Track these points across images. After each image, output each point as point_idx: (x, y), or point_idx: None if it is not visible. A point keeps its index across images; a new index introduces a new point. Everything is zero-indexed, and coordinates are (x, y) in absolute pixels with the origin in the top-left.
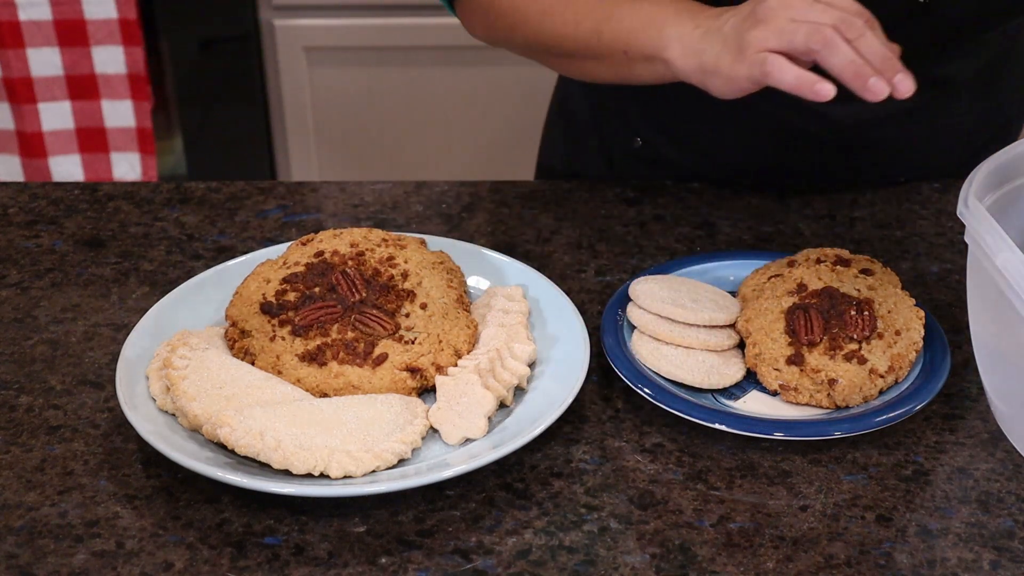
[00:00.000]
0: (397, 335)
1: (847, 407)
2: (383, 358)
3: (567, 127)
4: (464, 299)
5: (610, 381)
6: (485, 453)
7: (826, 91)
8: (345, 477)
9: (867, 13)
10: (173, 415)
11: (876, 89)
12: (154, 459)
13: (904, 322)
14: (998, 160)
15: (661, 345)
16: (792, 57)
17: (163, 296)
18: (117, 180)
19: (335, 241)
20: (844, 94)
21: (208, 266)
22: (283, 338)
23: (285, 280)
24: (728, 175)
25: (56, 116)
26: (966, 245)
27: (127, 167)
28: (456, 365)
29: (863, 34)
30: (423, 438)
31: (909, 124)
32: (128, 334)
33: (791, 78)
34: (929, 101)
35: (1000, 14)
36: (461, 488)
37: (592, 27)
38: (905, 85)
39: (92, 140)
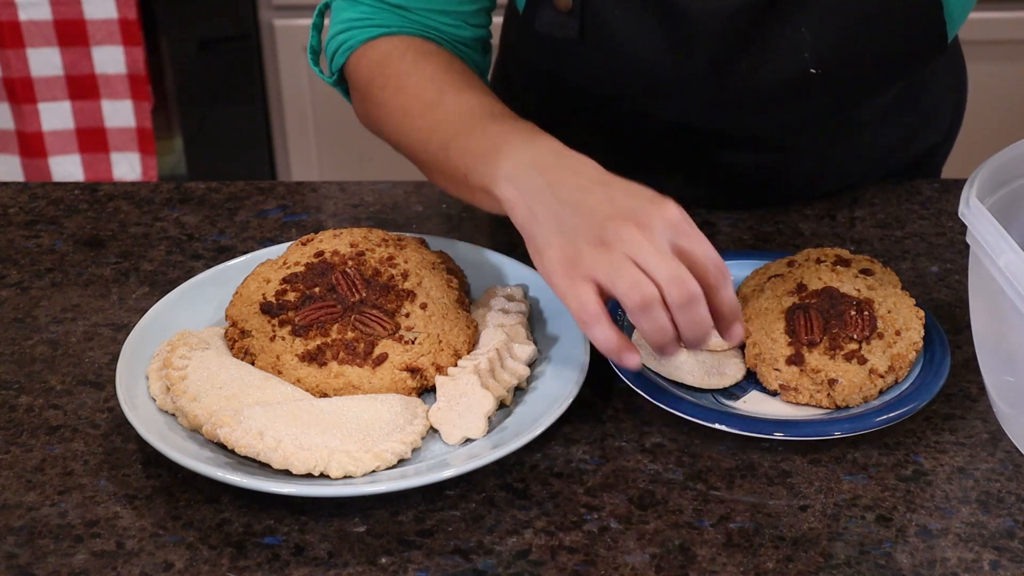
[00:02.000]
0: (397, 335)
1: (847, 407)
2: (383, 358)
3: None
4: (464, 299)
5: (610, 381)
6: (485, 453)
7: (632, 363)
8: (345, 477)
9: (720, 266)
10: (173, 415)
11: (669, 352)
12: (154, 459)
13: (904, 322)
14: (999, 160)
15: None
16: None
17: (163, 296)
18: (117, 180)
19: (335, 241)
20: (743, 139)
21: (208, 266)
22: (283, 338)
23: (285, 280)
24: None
25: (56, 116)
26: (966, 245)
27: (127, 167)
28: (456, 365)
29: (694, 302)
30: (423, 438)
31: (831, 145)
32: (128, 334)
33: (603, 341)
34: (842, 133)
35: (892, 75)
36: (461, 488)
37: (441, 142)
38: (737, 337)
39: (92, 140)
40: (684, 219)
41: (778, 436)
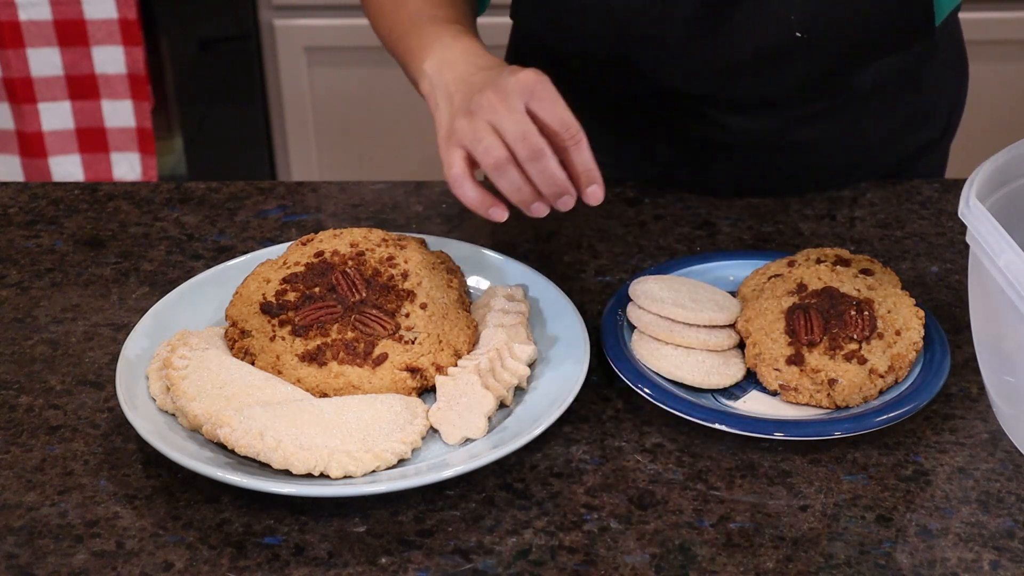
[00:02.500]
0: (397, 335)
1: (847, 407)
2: (383, 358)
3: None
4: (464, 299)
5: (610, 381)
6: (485, 453)
7: (498, 215)
8: (345, 477)
9: (570, 127)
10: (173, 415)
11: (535, 212)
12: (154, 459)
13: (904, 322)
14: (999, 160)
15: (661, 345)
16: None
17: (163, 296)
18: (117, 180)
19: (335, 241)
20: (735, 105)
21: (208, 266)
22: (283, 338)
23: (285, 280)
24: (652, 177)
25: (56, 116)
26: (966, 245)
27: (127, 167)
28: (456, 365)
29: (539, 157)
30: (423, 438)
31: (826, 126)
32: (128, 334)
33: (468, 200)
34: (842, 104)
35: (877, 48)
36: (461, 488)
37: (395, 39)
38: (596, 198)
39: (92, 140)
40: (539, 82)
41: (778, 436)
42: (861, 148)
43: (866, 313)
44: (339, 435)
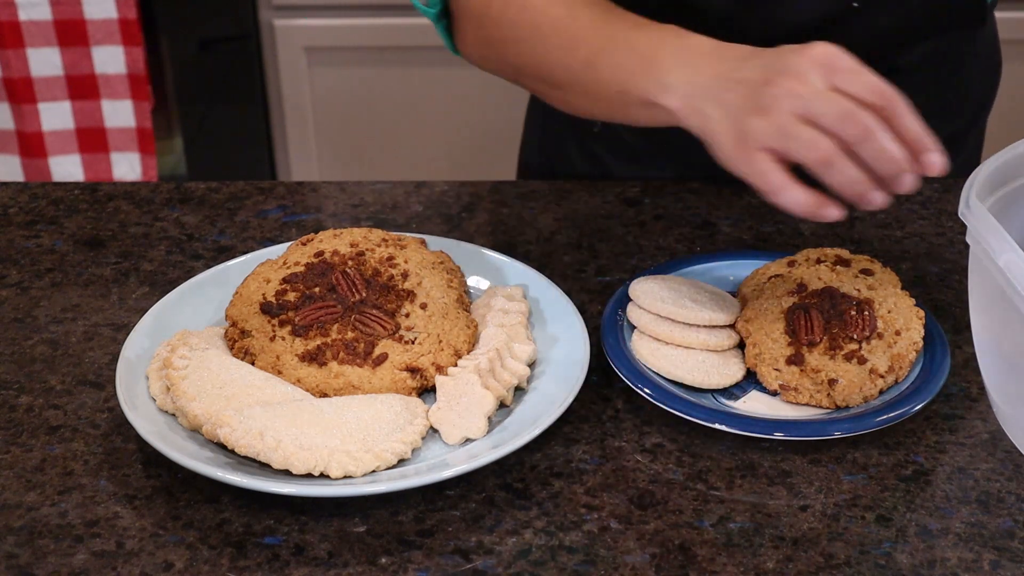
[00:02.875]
0: (397, 335)
1: (847, 407)
2: (383, 358)
3: (544, 115)
4: (464, 299)
5: (610, 381)
6: (485, 453)
7: (834, 215)
8: (345, 477)
9: (887, 94)
10: (173, 415)
11: (875, 202)
12: (154, 459)
13: (904, 322)
14: (999, 160)
15: (661, 345)
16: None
17: (163, 296)
18: (117, 180)
19: (335, 241)
20: None
21: (208, 266)
22: (283, 338)
23: (285, 280)
24: (688, 163)
25: (56, 116)
26: (966, 245)
27: (127, 167)
28: (456, 365)
29: (871, 135)
30: (423, 438)
31: None
32: (128, 334)
33: (798, 205)
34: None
35: (930, 26)
36: (461, 488)
37: (587, 58)
38: (937, 165)
39: (92, 140)
40: (834, 55)
41: (778, 436)
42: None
43: (866, 313)
44: (339, 435)
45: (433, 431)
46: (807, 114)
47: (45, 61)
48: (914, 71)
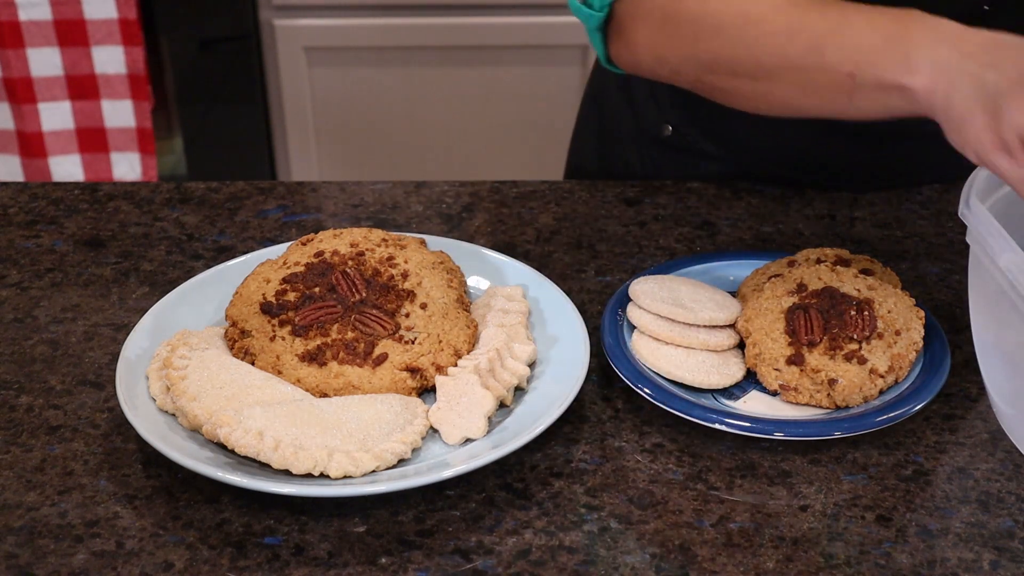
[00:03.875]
0: (397, 335)
1: (847, 407)
2: (383, 358)
3: (601, 119)
4: (464, 299)
5: (610, 381)
6: (485, 453)
7: None
8: (345, 477)
9: None
10: (173, 415)
11: None
12: (154, 459)
13: (904, 322)
14: None
15: (661, 345)
16: None
17: (163, 296)
18: (117, 180)
19: (335, 241)
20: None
21: (208, 266)
22: (283, 338)
23: (285, 280)
24: (759, 166)
25: (56, 116)
26: (966, 245)
27: (127, 167)
28: (456, 365)
29: None
30: (423, 438)
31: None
32: (128, 334)
33: None
34: None
35: None
36: (461, 488)
37: (811, 42)
38: None
39: (92, 140)
40: None
41: (778, 436)
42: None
43: (866, 313)
44: (339, 435)
45: (433, 431)
46: None
47: (45, 61)
48: None
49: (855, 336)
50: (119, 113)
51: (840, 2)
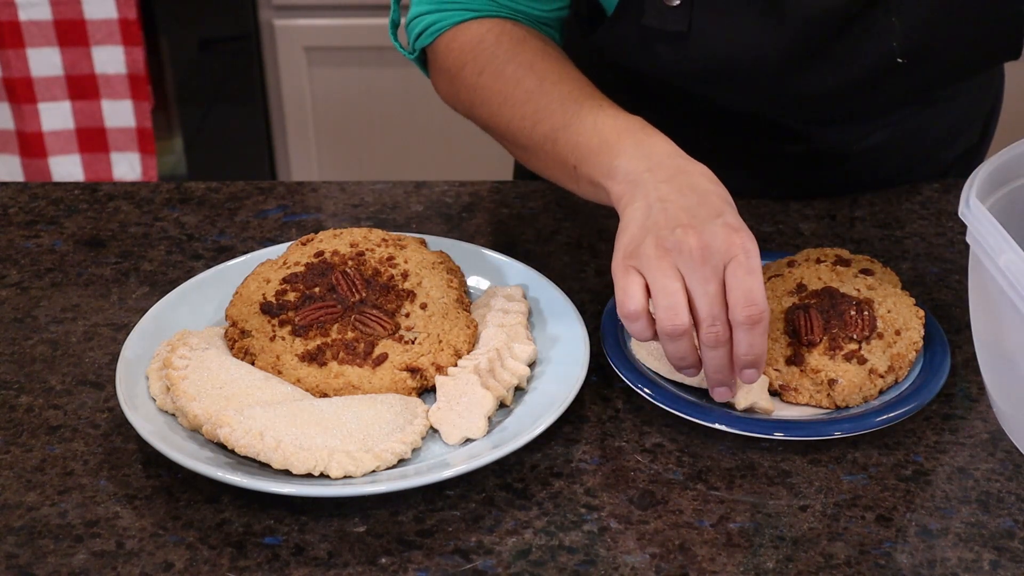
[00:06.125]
0: (397, 335)
1: (847, 407)
2: (383, 358)
3: None
4: (464, 299)
5: (610, 381)
6: (485, 453)
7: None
8: (345, 477)
9: (757, 307)
10: (173, 415)
11: (689, 375)
12: (154, 459)
13: (904, 322)
14: (999, 160)
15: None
16: None
17: (163, 296)
18: (117, 180)
19: (335, 241)
20: (826, 119)
21: (208, 266)
22: (283, 338)
23: (285, 280)
24: (761, 178)
25: (56, 116)
26: (966, 245)
27: (127, 167)
28: (456, 365)
29: (719, 345)
30: (423, 438)
31: (894, 131)
32: (128, 334)
33: (638, 337)
34: (907, 126)
35: (969, 68)
36: (461, 488)
37: (548, 132)
38: (746, 377)
39: (92, 140)
40: (744, 250)
41: (778, 436)
42: (920, 150)
43: (866, 313)
44: (339, 435)
45: (433, 431)
46: (688, 286)
47: (45, 61)
48: (948, 101)
49: (855, 336)
50: (119, 113)
51: (584, 91)
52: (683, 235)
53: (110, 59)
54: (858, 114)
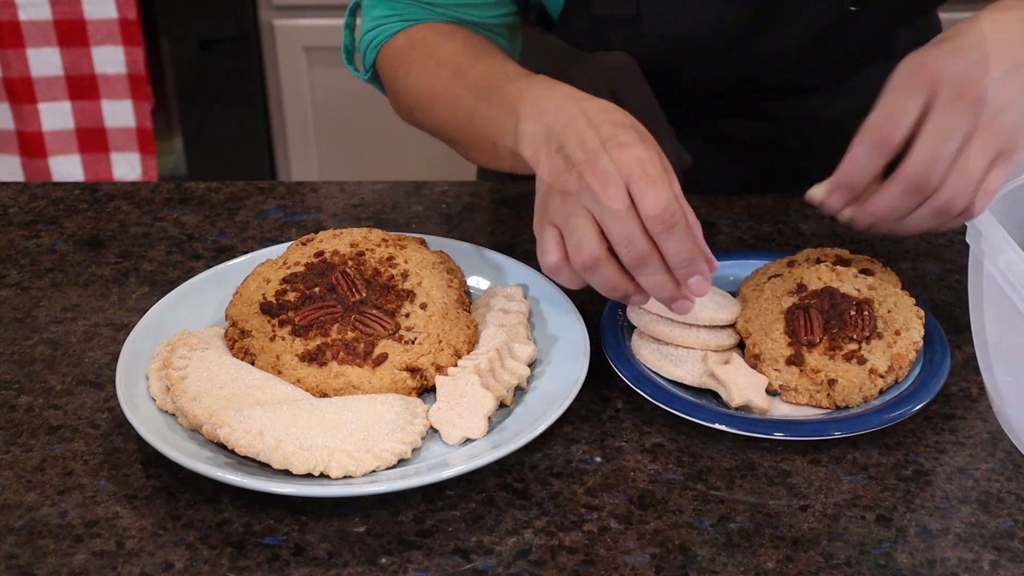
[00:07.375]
0: (397, 335)
1: (847, 407)
2: (383, 358)
3: None
4: (464, 299)
5: (610, 381)
6: (485, 453)
7: (570, 283)
8: (345, 477)
9: (663, 222)
10: (173, 415)
11: (637, 302)
12: (154, 459)
13: (904, 322)
14: None
15: (661, 345)
16: None
17: (163, 296)
18: (117, 180)
19: (335, 241)
20: (789, 85)
21: (208, 266)
22: (283, 338)
23: (285, 280)
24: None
25: (56, 116)
26: (966, 245)
27: (127, 167)
28: (456, 365)
29: (646, 262)
30: (423, 438)
31: (857, 102)
32: (128, 334)
33: (569, 286)
34: (874, 73)
35: (920, 10)
36: (461, 488)
37: (466, 115)
38: (694, 288)
39: (92, 140)
40: (639, 163)
41: (778, 436)
42: None
43: (866, 313)
44: (339, 435)
45: (433, 431)
46: (595, 216)
47: (45, 61)
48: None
49: (855, 336)
50: (119, 113)
51: (499, 68)
52: (579, 174)
53: (110, 59)
54: (820, 76)
